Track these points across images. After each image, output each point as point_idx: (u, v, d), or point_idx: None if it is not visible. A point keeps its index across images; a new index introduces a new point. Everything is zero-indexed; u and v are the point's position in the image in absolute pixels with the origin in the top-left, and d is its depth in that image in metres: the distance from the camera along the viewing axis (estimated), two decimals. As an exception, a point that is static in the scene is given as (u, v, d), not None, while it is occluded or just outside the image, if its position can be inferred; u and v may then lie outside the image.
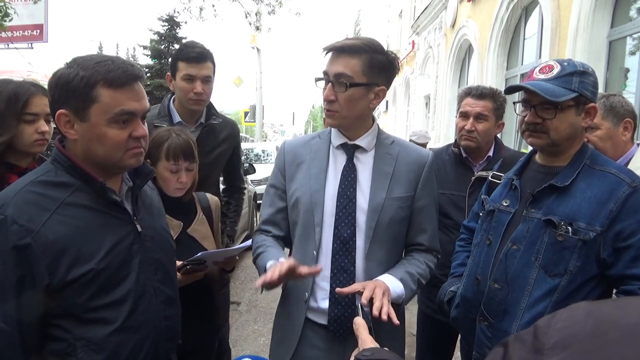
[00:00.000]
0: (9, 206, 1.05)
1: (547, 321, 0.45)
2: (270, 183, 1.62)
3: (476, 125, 2.12)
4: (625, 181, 1.31)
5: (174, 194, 1.76)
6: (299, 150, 1.57)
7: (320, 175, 1.50)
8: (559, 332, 0.43)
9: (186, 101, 2.20)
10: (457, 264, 1.80)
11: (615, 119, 1.92)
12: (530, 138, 1.43)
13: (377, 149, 1.52)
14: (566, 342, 0.41)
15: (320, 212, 1.47)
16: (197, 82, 2.17)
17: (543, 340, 0.43)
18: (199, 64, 2.17)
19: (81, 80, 1.09)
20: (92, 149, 1.15)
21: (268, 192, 1.62)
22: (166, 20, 24.33)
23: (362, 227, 1.46)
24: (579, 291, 1.32)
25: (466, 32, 9.15)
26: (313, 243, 1.47)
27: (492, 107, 2.13)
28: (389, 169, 1.49)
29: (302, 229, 1.51)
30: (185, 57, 2.16)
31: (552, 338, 0.42)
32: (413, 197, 1.50)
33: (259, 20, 9.71)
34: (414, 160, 1.52)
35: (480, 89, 2.17)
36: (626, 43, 4.95)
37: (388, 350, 0.91)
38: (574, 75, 1.33)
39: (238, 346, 3.65)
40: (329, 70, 1.41)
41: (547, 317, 0.46)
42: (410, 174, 1.50)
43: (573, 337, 0.41)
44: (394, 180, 1.48)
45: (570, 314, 0.44)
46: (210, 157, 2.29)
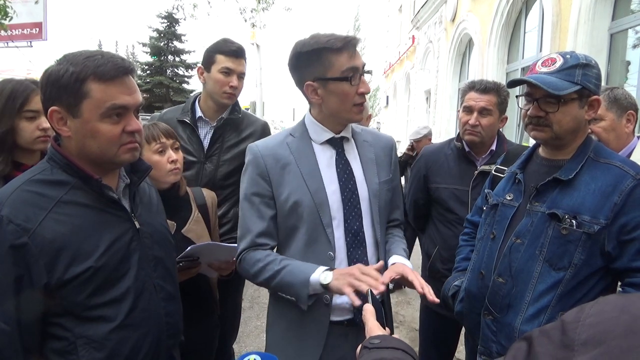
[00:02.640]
0: (5, 206, 1.04)
1: (576, 316, 0.43)
2: (251, 192, 1.46)
3: (480, 119, 2.10)
4: (630, 173, 1.30)
5: (170, 178, 1.72)
6: (277, 151, 1.47)
7: (315, 174, 1.44)
8: (591, 327, 0.41)
9: (220, 94, 2.19)
10: (460, 258, 1.80)
11: (619, 111, 1.94)
12: (533, 131, 1.41)
13: (355, 137, 1.56)
14: (599, 339, 0.39)
15: (327, 211, 1.42)
16: (234, 77, 2.19)
17: (572, 336, 0.41)
18: (237, 59, 2.19)
19: (71, 76, 1.07)
20: (86, 145, 1.13)
21: (251, 201, 1.45)
22: (165, 17, 24.25)
23: (368, 215, 1.48)
24: (583, 284, 1.31)
25: (466, 26, 9.11)
26: (327, 244, 1.41)
27: (496, 101, 2.11)
28: (371, 155, 1.56)
29: (308, 232, 1.42)
30: (225, 51, 2.17)
31: (583, 334, 0.41)
32: (391, 179, 1.59)
33: (254, 17, 9.67)
34: (385, 145, 1.63)
35: (484, 83, 2.14)
36: (627, 36, 4.92)
37: (396, 338, 0.90)
38: (577, 67, 1.32)
39: (241, 342, 3.65)
40: (359, 63, 1.38)
41: (574, 311, 0.44)
42: (386, 157, 1.60)
43: (606, 333, 0.39)
44: (378, 165, 1.55)
45: (600, 309, 0.42)
46: (231, 152, 2.25)
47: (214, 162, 2.23)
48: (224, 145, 2.25)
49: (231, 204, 2.27)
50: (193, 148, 2.21)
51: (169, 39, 25.20)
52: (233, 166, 2.23)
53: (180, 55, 25.90)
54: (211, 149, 2.24)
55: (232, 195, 2.26)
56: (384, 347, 0.83)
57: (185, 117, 2.24)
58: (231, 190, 2.26)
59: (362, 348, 0.87)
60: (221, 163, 2.23)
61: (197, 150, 2.22)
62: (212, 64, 2.18)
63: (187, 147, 2.18)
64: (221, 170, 2.23)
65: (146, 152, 1.68)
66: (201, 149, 2.23)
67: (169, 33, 25.01)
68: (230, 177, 2.24)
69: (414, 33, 14.38)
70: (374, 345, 0.84)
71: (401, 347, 0.83)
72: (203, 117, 2.26)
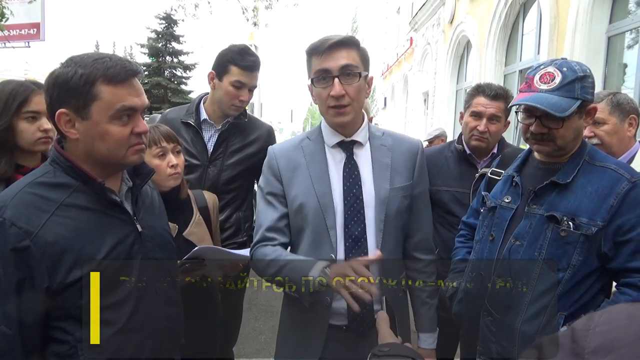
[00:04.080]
0: (7, 208, 1.04)
1: (586, 324, 0.43)
2: (266, 191, 1.53)
3: (489, 126, 2.10)
4: (625, 176, 1.33)
5: (170, 183, 1.71)
6: (291, 154, 1.52)
7: (324, 177, 1.46)
8: (601, 335, 0.41)
9: (228, 106, 2.16)
10: (457, 259, 1.80)
11: (622, 115, 1.98)
12: (536, 145, 1.44)
13: (372, 141, 1.53)
14: (609, 347, 0.40)
15: (332, 215, 1.43)
16: (245, 91, 2.15)
17: (583, 344, 0.41)
18: (252, 73, 2.14)
19: (80, 78, 1.08)
20: (95, 147, 1.13)
21: (266, 199, 1.53)
22: (163, 18, 24.23)
23: (372, 222, 1.45)
24: (581, 284, 1.35)
25: (464, 28, 9.13)
26: (329, 247, 1.42)
27: (504, 107, 2.11)
28: (387, 160, 1.50)
29: (313, 234, 1.45)
30: (240, 64, 2.10)
31: (593, 342, 0.41)
32: (412, 185, 1.52)
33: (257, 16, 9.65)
34: (408, 149, 1.54)
35: (494, 89, 2.13)
36: (625, 38, 4.94)
37: (406, 346, 0.90)
38: (576, 82, 1.33)
39: (239, 344, 3.63)
40: (331, 65, 1.37)
41: (584, 319, 0.44)
42: (407, 162, 1.52)
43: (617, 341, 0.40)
44: (394, 170, 1.49)
45: (610, 317, 0.43)
46: (235, 157, 2.23)
47: (217, 166, 2.20)
48: (228, 149, 2.22)
49: (233, 209, 2.25)
50: (196, 151, 2.19)
51: (167, 40, 25.19)
52: (237, 171, 2.21)
53: (179, 56, 25.90)
54: (215, 153, 2.21)
55: (235, 200, 2.25)
56: (393, 354, 0.84)
57: (189, 118, 2.21)
58: (234, 195, 2.24)
59: (371, 356, 0.87)
60: (225, 167, 2.20)
61: (201, 154, 2.19)
62: (224, 74, 2.12)
63: (190, 150, 2.16)
64: (224, 174, 2.20)
65: (146, 156, 1.67)
66: (205, 152, 2.20)
67: (167, 34, 25.00)
68: (233, 182, 2.22)
69: (411, 35, 14.40)
70: (383, 353, 0.85)
71: (410, 355, 0.84)
72: (208, 119, 2.23)
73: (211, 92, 2.24)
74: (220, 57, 2.16)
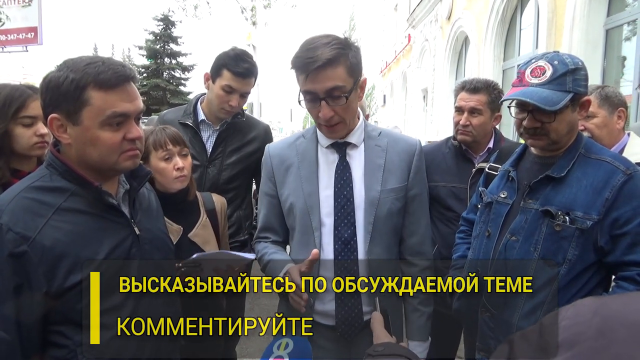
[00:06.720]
0: (3, 213, 1.04)
1: (553, 318, 0.44)
2: (263, 190, 1.59)
3: (471, 119, 2.13)
4: (620, 169, 1.32)
5: (176, 185, 1.71)
6: (284, 152, 1.53)
7: (312, 177, 1.46)
8: (565, 330, 0.42)
9: (218, 109, 2.17)
10: (457, 256, 1.81)
11: (611, 108, 2.01)
12: (530, 140, 1.44)
13: (366, 142, 1.50)
14: (572, 341, 0.40)
15: (317, 215, 1.44)
16: (235, 96, 2.14)
17: (549, 339, 0.42)
18: (244, 80, 2.13)
19: (71, 83, 1.07)
20: (86, 153, 1.13)
21: (262, 199, 1.59)
22: (161, 19, 24.21)
23: (361, 224, 1.44)
24: (578, 279, 1.34)
25: (462, 24, 9.12)
26: (313, 247, 1.42)
27: (487, 100, 2.12)
28: (381, 161, 1.47)
29: (300, 234, 1.47)
30: (232, 69, 2.09)
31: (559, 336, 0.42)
32: (406, 187, 1.49)
33: (255, 16, 9.65)
34: (404, 149, 1.50)
35: (474, 83, 2.16)
36: (623, 31, 4.93)
37: (400, 345, 0.91)
38: (567, 74, 1.32)
39: (241, 343, 3.64)
40: (317, 88, 1.31)
41: (553, 314, 0.45)
42: (401, 163, 1.49)
43: (579, 335, 0.40)
44: (387, 171, 1.46)
45: (576, 311, 0.43)
46: (234, 156, 2.25)
47: (217, 166, 2.22)
48: (227, 149, 2.23)
49: (234, 208, 2.26)
50: (195, 151, 2.19)
51: (165, 42, 25.19)
52: (236, 170, 2.23)
53: (177, 58, 25.88)
54: (214, 153, 2.23)
55: (235, 199, 2.26)
56: (387, 354, 0.85)
57: (187, 119, 2.22)
58: (234, 194, 2.25)
59: (366, 356, 0.88)
60: (224, 167, 2.22)
61: (200, 154, 2.21)
62: (217, 77, 2.13)
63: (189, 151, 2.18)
64: (224, 174, 2.22)
65: (152, 159, 1.68)
66: (204, 152, 2.22)
67: (165, 35, 25.00)
68: (233, 181, 2.23)
69: (410, 32, 14.38)
70: (377, 353, 0.85)
71: (404, 354, 0.85)
72: (206, 120, 2.24)
73: (207, 93, 2.26)
74: (216, 59, 2.17)
